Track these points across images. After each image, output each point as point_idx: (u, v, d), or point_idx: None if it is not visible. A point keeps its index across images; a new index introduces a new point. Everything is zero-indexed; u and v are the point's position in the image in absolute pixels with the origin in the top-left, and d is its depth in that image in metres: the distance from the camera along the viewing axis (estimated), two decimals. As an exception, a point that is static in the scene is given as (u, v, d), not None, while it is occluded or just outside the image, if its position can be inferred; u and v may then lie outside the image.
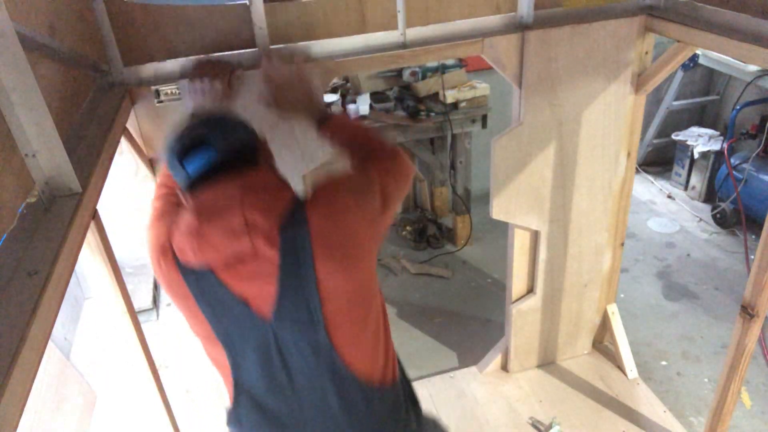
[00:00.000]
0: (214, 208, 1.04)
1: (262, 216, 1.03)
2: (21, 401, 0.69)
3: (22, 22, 1.02)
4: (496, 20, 1.79)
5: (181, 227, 1.07)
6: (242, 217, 1.02)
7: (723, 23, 1.60)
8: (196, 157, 1.06)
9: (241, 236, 1.02)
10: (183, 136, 1.08)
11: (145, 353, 1.36)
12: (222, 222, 1.03)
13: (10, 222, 0.86)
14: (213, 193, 1.05)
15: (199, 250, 1.04)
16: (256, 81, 1.59)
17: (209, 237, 1.03)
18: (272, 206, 1.06)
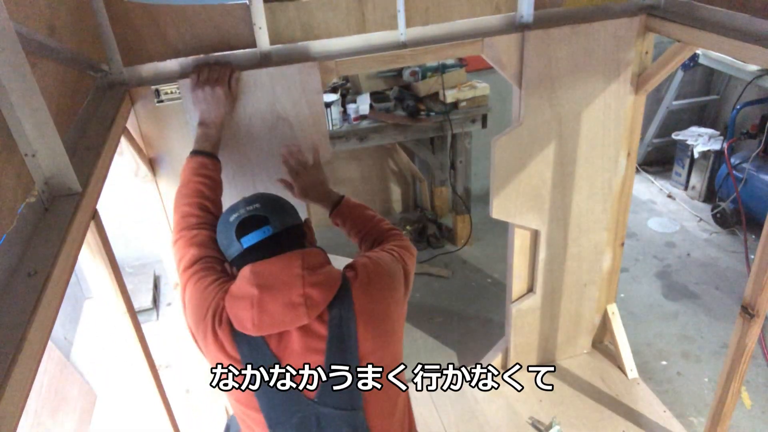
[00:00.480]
0: (276, 282, 1.11)
1: (319, 293, 1.11)
2: (21, 401, 0.69)
3: (22, 22, 1.02)
4: (496, 20, 1.79)
5: (238, 296, 1.12)
6: (302, 293, 1.10)
7: (723, 23, 1.60)
8: (254, 234, 1.15)
9: (300, 309, 1.10)
10: (242, 215, 1.18)
11: (145, 353, 1.36)
12: (283, 296, 1.10)
13: (10, 222, 0.86)
14: (275, 267, 1.12)
15: (259, 320, 1.10)
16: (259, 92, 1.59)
17: (269, 308, 1.10)
18: (327, 285, 1.13)
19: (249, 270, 1.13)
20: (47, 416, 2.20)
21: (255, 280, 1.11)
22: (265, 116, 1.66)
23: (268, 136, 1.69)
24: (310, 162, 1.56)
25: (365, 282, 1.18)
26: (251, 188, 1.74)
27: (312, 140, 1.71)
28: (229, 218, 1.19)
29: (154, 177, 1.72)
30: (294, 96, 1.65)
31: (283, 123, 1.68)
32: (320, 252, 1.20)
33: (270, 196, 1.25)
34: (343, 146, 3.00)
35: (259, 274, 1.12)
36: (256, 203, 1.20)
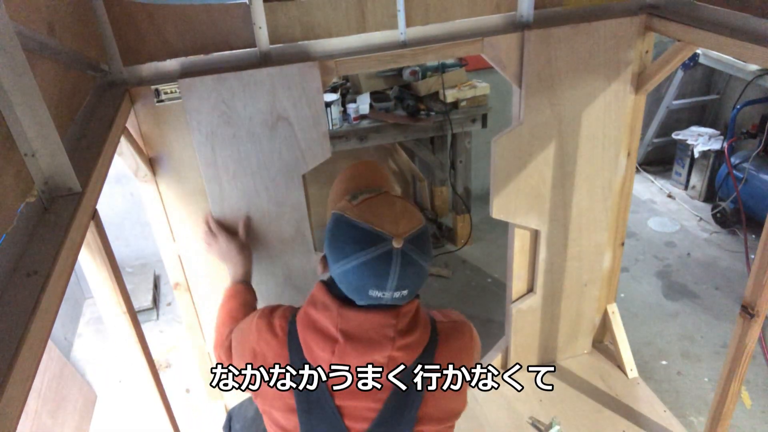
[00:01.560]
0: (364, 337, 1.02)
1: (404, 355, 1.05)
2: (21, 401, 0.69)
3: (22, 22, 1.02)
4: (497, 19, 1.79)
5: (318, 329, 1.05)
6: (388, 355, 1.03)
7: (723, 22, 1.60)
8: (380, 301, 1.02)
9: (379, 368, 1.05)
10: (383, 300, 1.01)
11: (145, 353, 1.36)
12: (368, 356, 1.03)
13: (10, 222, 0.86)
14: (367, 322, 1.03)
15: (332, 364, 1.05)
16: (256, 81, 1.60)
17: (350, 361, 1.03)
18: (415, 347, 1.07)
19: (337, 309, 1.03)
20: (47, 416, 2.20)
21: (342, 324, 1.02)
22: (266, 116, 1.66)
23: (269, 136, 1.69)
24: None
25: (456, 349, 1.13)
26: (253, 188, 1.74)
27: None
28: (369, 290, 1.00)
29: (154, 177, 1.72)
30: (294, 96, 1.65)
31: (283, 123, 1.68)
32: (415, 305, 1.08)
33: (423, 272, 1.04)
34: (343, 146, 3.00)
35: (348, 319, 1.02)
36: (406, 290, 1.02)
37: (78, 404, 2.48)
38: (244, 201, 1.75)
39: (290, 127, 1.69)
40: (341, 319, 1.03)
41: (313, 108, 1.68)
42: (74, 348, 2.95)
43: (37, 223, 0.93)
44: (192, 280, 1.90)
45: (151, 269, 3.40)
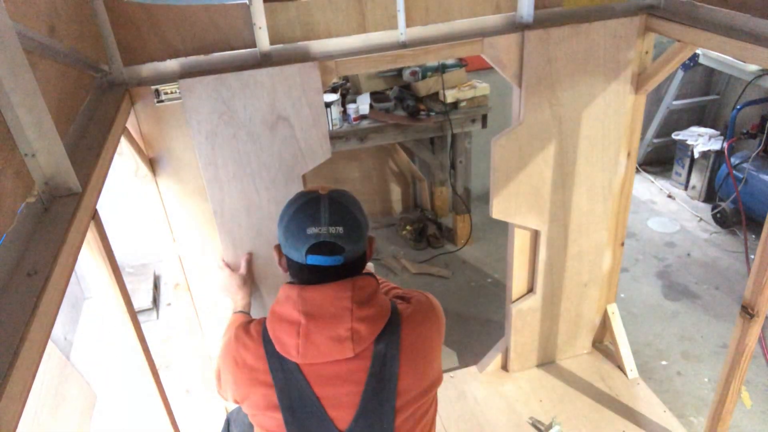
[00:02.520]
0: (324, 313, 1.09)
1: (367, 328, 1.09)
2: (21, 401, 0.69)
3: (22, 22, 1.02)
4: (496, 20, 1.79)
5: (283, 319, 1.11)
6: (350, 327, 1.08)
7: (723, 23, 1.60)
8: (323, 259, 1.10)
9: (345, 344, 1.08)
10: (321, 236, 1.08)
11: (145, 353, 1.36)
12: (330, 329, 1.08)
13: (10, 222, 0.86)
14: (324, 297, 1.10)
15: (304, 350, 1.09)
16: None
17: (315, 339, 1.08)
18: (375, 319, 1.11)
19: (297, 293, 1.10)
20: (47, 416, 2.20)
21: (303, 306, 1.09)
22: (266, 116, 1.66)
23: (269, 136, 1.69)
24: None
25: (418, 320, 1.17)
26: (252, 188, 1.74)
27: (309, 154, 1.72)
28: (306, 229, 1.09)
29: (154, 177, 1.72)
30: (294, 96, 1.65)
31: (283, 123, 1.68)
32: (371, 281, 1.15)
33: (355, 216, 1.13)
34: (343, 146, 3.00)
35: (307, 300, 1.09)
36: (339, 225, 1.10)
37: (78, 404, 2.48)
38: (244, 201, 1.75)
39: (290, 127, 1.69)
40: (301, 301, 1.09)
41: (313, 108, 1.68)
42: (74, 348, 2.95)
43: (37, 223, 0.93)
44: (192, 280, 1.90)
45: (151, 269, 3.39)
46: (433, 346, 1.20)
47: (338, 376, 1.12)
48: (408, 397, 1.15)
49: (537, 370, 2.52)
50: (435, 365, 1.21)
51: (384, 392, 1.13)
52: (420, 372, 1.17)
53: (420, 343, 1.16)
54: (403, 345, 1.14)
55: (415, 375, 1.15)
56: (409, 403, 1.16)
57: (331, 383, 1.12)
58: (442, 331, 1.25)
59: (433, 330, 1.20)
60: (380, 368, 1.12)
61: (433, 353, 1.20)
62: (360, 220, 1.15)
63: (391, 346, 1.12)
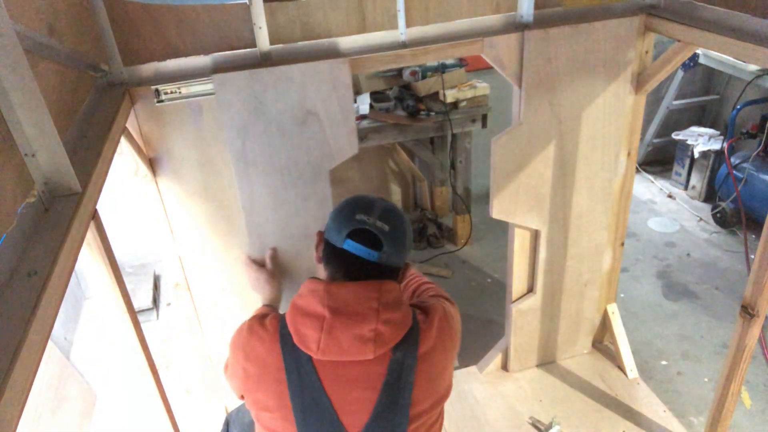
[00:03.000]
0: (350, 310, 1.08)
1: (390, 331, 1.09)
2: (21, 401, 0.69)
3: (22, 22, 1.02)
4: (496, 20, 1.79)
5: (306, 312, 1.10)
6: (374, 328, 1.07)
7: (723, 22, 1.60)
8: (360, 248, 1.11)
9: (368, 345, 1.07)
10: (368, 224, 1.12)
11: (145, 353, 1.36)
12: (354, 327, 1.07)
13: (10, 222, 0.86)
14: (351, 295, 1.09)
15: (325, 345, 1.07)
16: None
17: (338, 336, 1.07)
18: (399, 324, 1.11)
19: (324, 288, 1.10)
20: (47, 416, 2.20)
21: (329, 301, 1.08)
22: (296, 111, 1.67)
23: (298, 131, 1.69)
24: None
25: (435, 330, 1.17)
26: (281, 183, 1.75)
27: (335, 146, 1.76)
28: (356, 213, 1.14)
29: (154, 177, 1.72)
30: (324, 91, 1.66)
31: (312, 118, 1.69)
32: (397, 287, 1.16)
33: (404, 229, 1.18)
34: (343, 146, 3.00)
35: (334, 296, 1.09)
36: (387, 224, 1.14)
37: (78, 404, 2.48)
38: (272, 196, 1.76)
39: (319, 122, 1.70)
40: (328, 296, 1.09)
41: (342, 104, 1.69)
42: (74, 348, 2.95)
43: (37, 223, 0.93)
44: (192, 280, 1.90)
45: (151, 269, 3.39)
46: (447, 359, 1.20)
47: (353, 379, 1.11)
48: (420, 408, 1.15)
49: (537, 370, 2.52)
50: (447, 377, 1.21)
51: (398, 402, 1.11)
52: (433, 384, 1.16)
53: (436, 355, 1.16)
54: (420, 356, 1.13)
55: (428, 386, 1.15)
56: (420, 414, 1.15)
57: (345, 386, 1.11)
58: (457, 341, 1.24)
59: (448, 342, 1.20)
60: (396, 377, 1.11)
61: (446, 366, 1.20)
62: (407, 233, 1.19)
63: (409, 356, 1.11)
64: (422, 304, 1.25)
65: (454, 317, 1.26)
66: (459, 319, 1.29)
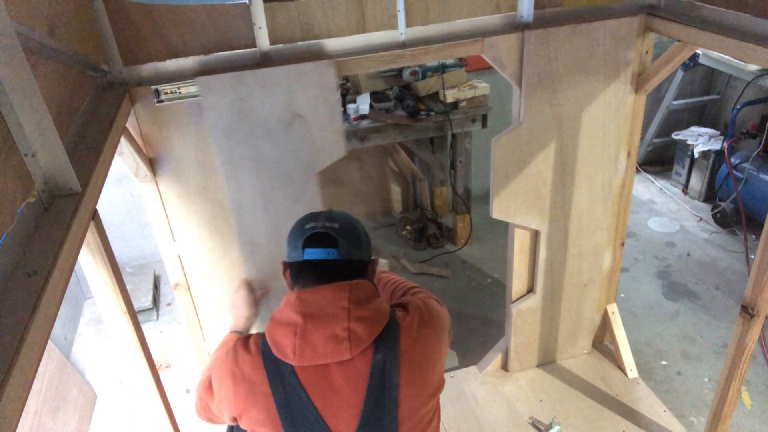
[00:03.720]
0: (321, 312, 1.10)
1: (364, 328, 1.09)
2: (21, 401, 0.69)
3: (22, 22, 1.02)
4: (496, 20, 1.79)
5: (281, 322, 1.11)
6: (347, 326, 1.08)
7: (723, 23, 1.60)
8: (318, 251, 1.14)
9: (343, 344, 1.08)
10: (317, 227, 1.16)
11: (145, 353, 1.36)
12: (327, 328, 1.08)
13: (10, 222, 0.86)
14: (321, 297, 1.11)
15: (300, 350, 1.08)
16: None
17: (312, 339, 1.08)
18: (373, 320, 1.11)
19: (295, 296, 1.12)
20: (47, 416, 2.20)
21: (300, 307, 1.10)
22: (282, 113, 1.67)
23: (285, 133, 1.70)
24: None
25: (416, 326, 1.16)
26: (269, 185, 1.75)
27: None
28: (305, 224, 1.18)
29: (154, 177, 1.72)
30: (310, 93, 1.66)
31: (299, 120, 1.69)
32: (369, 285, 1.17)
33: (353, 223, 1.22)
34: (343, 146, 3.00)
35: (305, 302, 1.11)
36: (335, 222, 1.18)
37: (78, 404, 2.48)
38: (261, 198, 1.76)
39: (306, 124, 1.70)
40: (299, 302, 1.11)
41: (328, 105, 1.69)
42: (74, 348, 2.95)
43: (37, 223, 0.93)
44: (192, 280, 1.90)
45: (151, 269, 3.40)
46: (433, 354, 1.19)
47: (336, 386, 1.11)
48: (410, 406, 1.14)
49: (537, 370, 2.52)
50: (436, 372, 1.20)
51: (385, 404, 1.11)
52: (420, 381, 1.16)
53: (419, 352, 1.15)
54: (402, 355, 1.13)
55: (415, 384, 1.14)
56: (411, 413, 1.15)
57: (329, 392, 1.11)
58: (444, 336, 1.23)
59: (432, 337, 1.19)
60: (380, 379, 1.11)
61: (433, 361, 1.19)
62: (358, 227, 1.21)
63: (390, 356, 1.11)
64: (401, 301, 1.25)
65: (438, 312, 1.24)
66: (445, 315, 1.27)
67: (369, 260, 1.23)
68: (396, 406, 1.12)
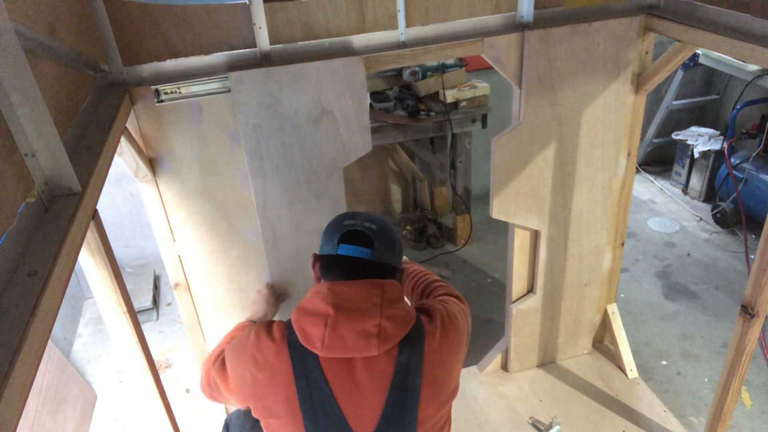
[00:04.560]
0: (353, 306, 1.10)
1: (394, 327, 1.10)
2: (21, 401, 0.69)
3: (22, 22, 1.02)
4: (496, 20, 1.79)
5: (310, 312, 1.11)
6: (378, 323, 1.08)
7: (723, 23, 1.60)
8: (353, 248, 1.15)
9: (372, 340, 1.08)
10: (356, 225, 1.18)
11: (144, 353, 1.36)
12: (358, 322, 1.08)
13: (10, 222, 0.86)
14: (354, 291, 1.12)
15: (329, 341, 1.08)
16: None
17: (342, 331, 1.08)
18: (403, 320, 1.12)
19: (327, 287, 1.13)
20: (47, 416, 2.20)
21: (332, 299, 1.10)
22: (310, 109, 1.68)
23: (313, 129, 1.70)
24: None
25: (441, 332, 1.17)
26: (295, 180, 1.76)
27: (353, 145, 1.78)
28: (344, 221, 1.20)
29: (154, 177, 1.72)
30: (338, 89, 1.67)
31: (327, 116, 1.70)
32: (399, 287, 1.18)
33: (390, 228, 1.23)
34: (343, 146, 3.00)
35: (337, 294, 1.11)
36: (374, 224, 1.19)
37: (78, 404, 2.48)
38: (286, 193, 1.77)
39: (334, 120, 1.71)
40: (332, 294, 1.11)
41: (356, 101, 1.70)
42: (74, 348, 2.95)
43: (37, 223, 0.93)
44: (192, 280, 1.90)
45: (151, 269, 3.40)
46: (453, 359, 1.20)
47: (359, 381, 1.11)
48: (429, 410, 1.15)
49: (537, 370, 2.52)
50: (454, 376, 1.21)
51: (406, 405, 1.12)
52: (440, 385, 1.16)
53: (442, 357, 1.16)
54: (426, 358, 1.13)
55: (435, 388, 1.15)
56: (429, 416, 1.15)
57: (352, 388, 1.11)
58: (463, 340, 1.24)
59: (453, 343, 1.20)
60: (403, 380, 1.11)
61: (453, 365, 1.20)
62: (394, 234, 1.23)
63: (414, 358, 1.12)
64: (424, 306, 1.25)
65: (458, 317, 1.25)
66: (466, 318, 1.29)
67: (398, 267, 1.23)
68: (417, 407, 1.12)
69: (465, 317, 1.28)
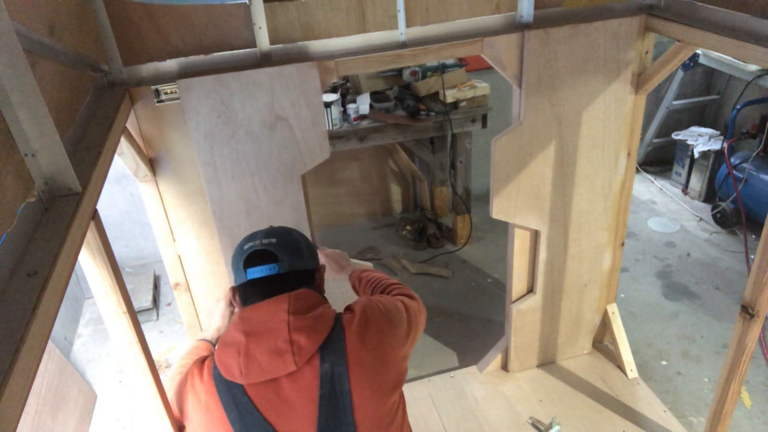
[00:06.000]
0: (262, 328, 1.09)
1: (307, 338, 1.08)
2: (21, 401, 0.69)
3: (22, 22, 1.02)
4: (496, 20, 1.79)
5: (227, 343, 1.11)
6: (288, 338, 1.07)
7: (723, 23, 1.60)
8: (259, 268, 1.15)
9: (286, 357, 1.07)
10: (255, 246, 1.17)
11: (144, 353, 1.35)
12: (268, 342, 1.08)
13: (10, 222, 0.86)
14: (262, 313, 1.11)
15: (246, 369, 1.07)
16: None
17: (256, 356, 1.07)
18: (316, 329, 1.10)
19: (238, 316, 1.13)
20: (47, 416, 2.20)
21: (242, 326, 1.10)
22: (264, 116, 1.66)
23: (268, 136, 1.69)
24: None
25: (362, 326, 1.14)
26: (252, 188, 1.74)
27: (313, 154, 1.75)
28: (243, 245, 1.19)
29: (154, 177, 1.72)
30: (293, 96, 1.65)
31: (282, 123, 1.68)
32: (311, 294, 1.16)
33: (292, 235, 1.22)
34: (343, 146, 3.00)
35: (246, 320, 1.11)
36: (273, 237, 1.18)
37: (78, 404, 2.48)
38: (243, 201, 1.75)
39: (289, 127, 1.69)
40: (241, 321, 1.11)
41: (311, 108, 1.68)
42: (74, 348, 2.95)
43: (37, 223, 0.93)
44: (192, 280, 1.90)
45: (151, 269, 3.40)
46: (385, 349, 1.16)
47: (288, 399, 1.09)
48: (367, 409, 1.12)
49: (537, 370, 2.52)
50: (392, 366, 1.17)
51: (339, 412, 1.10)
52: (374, 381, 1.13)
53: (369, 353, 1.13)
54: (351, 359, 1.10)
55: (369, 386, 1.12)
56: (369, 415, 1.13)
57: (282, 408, 1.10)
58: (399, 327, 1.20)
59: (382, 332, 1.16)
60: (330, 389, 1.09)
61: (387, 356, 1.16)
62: (297, 239, 1.22)
63: (338, 364, 1.10)
64: (350, 304, 1.23)
65: (388, 306, 1.21)
66: (408, 310, 1.24)
67: (315, 268, 1.23)
68: (351, 411, 1.10)
69: (406, 309, 1.24)
